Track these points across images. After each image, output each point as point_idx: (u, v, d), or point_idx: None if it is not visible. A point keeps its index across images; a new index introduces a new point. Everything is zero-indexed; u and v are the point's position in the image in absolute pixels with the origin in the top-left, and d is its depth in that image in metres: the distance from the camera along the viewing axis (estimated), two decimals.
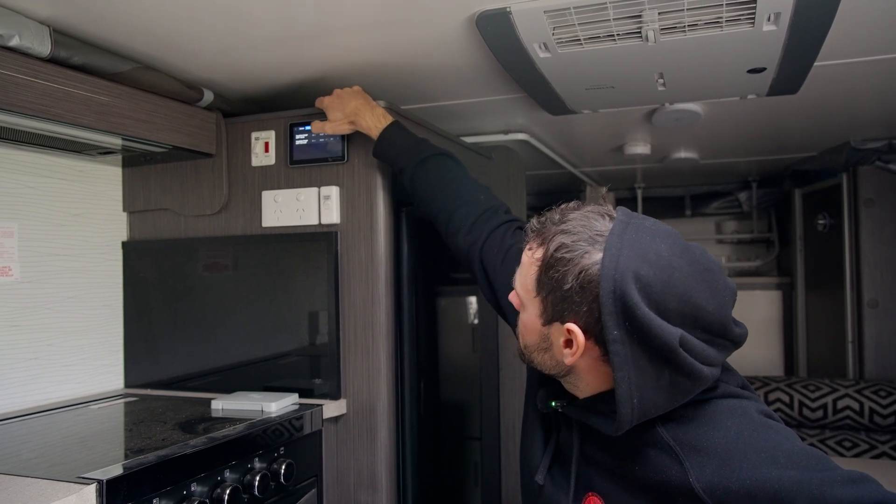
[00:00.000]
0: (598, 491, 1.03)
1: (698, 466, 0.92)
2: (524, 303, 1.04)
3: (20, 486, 1.10)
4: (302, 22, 1.44)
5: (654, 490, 0.96)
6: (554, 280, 0.95)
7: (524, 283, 1.03)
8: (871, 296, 2.98)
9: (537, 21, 1.38)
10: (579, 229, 0.96)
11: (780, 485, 0.87)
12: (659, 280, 0.90)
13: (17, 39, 1.33)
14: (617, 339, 0.90)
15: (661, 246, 0.94)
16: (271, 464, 1.50)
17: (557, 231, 0.97)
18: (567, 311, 0.95)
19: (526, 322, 1.05)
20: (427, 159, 1.56)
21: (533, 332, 1.03)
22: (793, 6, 1.31)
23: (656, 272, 0.90)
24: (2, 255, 1.70)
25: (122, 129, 1.60)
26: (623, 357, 0.90)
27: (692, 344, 0.91)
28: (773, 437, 0.93)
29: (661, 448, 0.96)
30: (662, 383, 0.92)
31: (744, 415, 0.96)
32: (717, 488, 0.90)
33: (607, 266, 0.91)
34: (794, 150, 3.14)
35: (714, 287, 0.94)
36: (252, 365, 1.87)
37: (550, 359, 1.03)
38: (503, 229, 1.39)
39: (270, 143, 1.86)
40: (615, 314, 0.90)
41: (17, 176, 1.75)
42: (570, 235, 0.96)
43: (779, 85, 1.79)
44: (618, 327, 0.90)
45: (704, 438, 0.94)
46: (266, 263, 1.85)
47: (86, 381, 1.92)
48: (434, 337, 2.04)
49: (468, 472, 2.28)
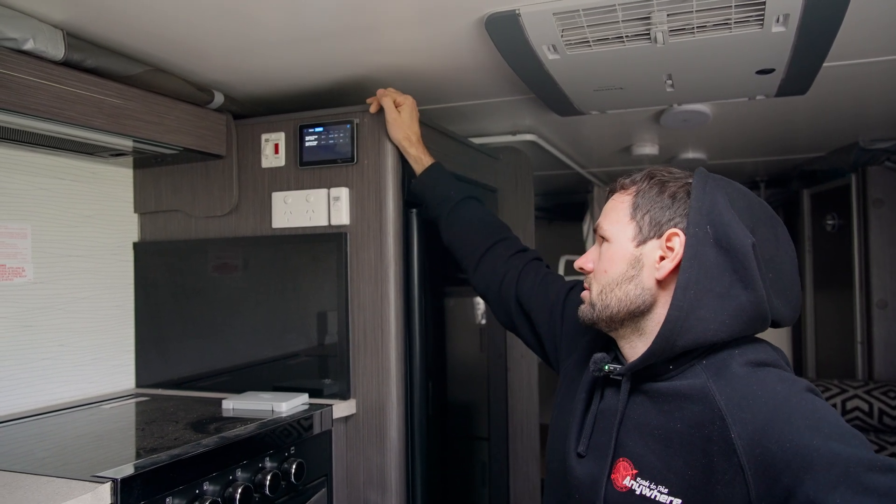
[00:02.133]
0: (629, 456, 1.03)
1: (741, 423, 0.92)
2: (612, 237, 1.10)
3: (37, 485, 1.12)
4: (311, 24, 1.45)
5: (692, 447, 0.96)
6: (652, 197, 1.07)
7: (615, 216, 1.10)
8: (881, 296, 2.96)
9: (546, 23, 1.39)
10: (668, 170, 1.10)
11: (818, 454, 0.86)
12: (743, 201, 1.04)
13: (31, 43, 1.34)
14: (696, 235, 1.00)
15: (741, 188, 1.08)
16: (282, 463, 1.51)
17: (650, 168, 1.10)
18: (666, 222, 1.05)
19: (613, 255, 1.09)
20: (466, 200, 1.65)
21: (623, 259, 1.07)
22: (802, 7, 1.31)
23: (741, 199, 1.04)
24: (15, 255, 1.71)
25: (133, 132, 1.61)
26: (695, 250, 0.99)
27: (760, 259, 0.99)
28: (819, 408, 0.93)
29: (707, 403, 0.96)
30: (720, 288, 0.98)
31: (793, 384, 0.97)
32: (757, 447, 0.90)
33: (699, 178, 1.05)
34: (802, 151, 3.13)
35: (780, 236, 1.07)
36: (262, 365, 1.88)
37: (635, 287, 1.06)
38: (536, 264, 1.51)
39: (280, 144, 1.87)
40: (701, 211, 1.00)
41: (30, 178, 1.76)
42: (662, 170, 1.10)
43: (787, 86, 1.79)
44: (699, 225, 1.00)
45: (751, 397, 0.94)
46: (276, 264, 1.87)
47: (97, 380, 1.93)
48: (442, 337, 2.04)
49: (476, 472, 2.28)
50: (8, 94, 1.33)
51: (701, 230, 0.99)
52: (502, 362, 2.50)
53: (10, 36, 1.30)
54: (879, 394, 2.77)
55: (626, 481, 1.01)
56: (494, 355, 2.42)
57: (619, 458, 1.04)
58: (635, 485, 1.00)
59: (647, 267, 1.05)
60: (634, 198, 1.08)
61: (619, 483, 1.02)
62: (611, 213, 1.12)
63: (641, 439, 1.02)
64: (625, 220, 1.08)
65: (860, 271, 3.05)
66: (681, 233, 1.02)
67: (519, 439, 2.63)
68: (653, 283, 1.05)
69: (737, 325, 0.99)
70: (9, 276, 1.70)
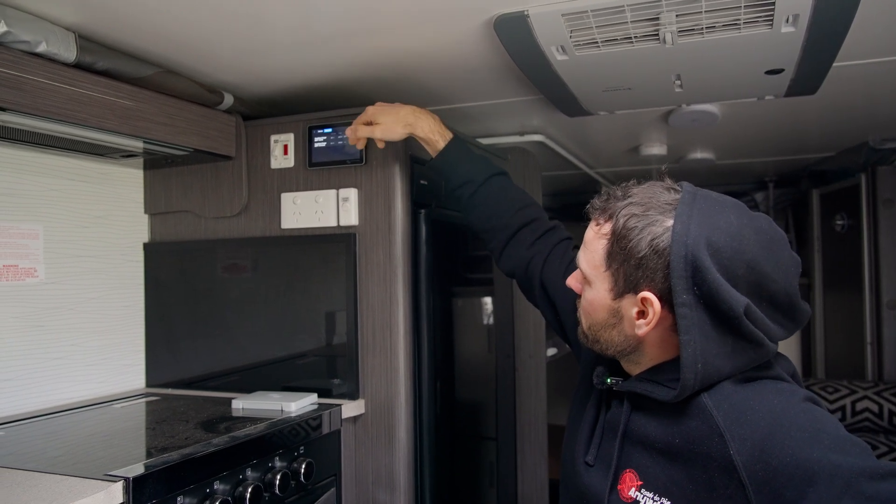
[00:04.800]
0: (635, 467, 1.02)
1: (739, 440, 0.91)
2: (591, 280, 1.04)
3: (49, 483, 1.13)
4: (320, 25, 1.46)
5: (693, 463, 0.95)
6: (626, 250, 0.97)
7: (591, 259, 1.03)
8: (891, 297, 2.95)
9: (555, 24, 1.39)
10: (647, 200, 0.98)
11: (819, 467, 0.85)
12: (729, 247, 0.93)
13: (43, 45, 1.35)
14: (685, 303, 0.92)
15: (729, 216, 0.97)
16: (291, 463, 1.51)
17: (625, 204, 0.99)
18: (641, 280, 0.97)
19: (593, 300, 1.05)
20: (494, 177, 1.57)
21: (601, 308, 1.04)
22: (812, 7, 1.30)
23: (727, 239, 0.93)
24: (27, 256, 1.73)
25: (144, 133, 1.63)
26: (690, 321, 0.92)
27: (756, 315, 0.94)
28: (818, 419, 0.92)
29: (705, 419, 0.95)
30: (726, 349, 0.94)
31: (791, 395, 0.95)
32: (757, 463, 0.89)
33: (679, 231, 0.93)
34: (811, 151, 3.11)
35: (779, 257, 0.97)
36: (271, 365, 1.89)
37: (619, 335, 1.03)
38: (564, 245, 1.44)
39: (289, 145, 1.88)
40: (685, 278, 0.92)
41: (41, 179, 1.78)
42: (639, 206, 0.98)
43: (797, 86, 1.78)
44: (686, 291, 0.92)
45: (749, 412, 0.93)
46: (285, 265, 1.87)
47: (108, 380, 1.95)
48: (450, 337, 2.05)
49: (484, 472, 2.28)
50: (21, 97, 1.34)
51: (689, 296, 0.93)
52: (510, 362, 2.50)
53: (23, 38, 1.32)
54: (889, 395, 2.76)
55: (632, 492, 1.01)
56: (502, 355, 2.42)
57: (625, 468, 1.04)
58: (640, 496, 1.00)
59: (626, 318, 1.02)
60: (609, 244, 1.00)
61: (625, 494, 1.02)
62: (588, 252, 1.05)
63: (646, 451, 1.02)
64: (601, 267, 1.02)
65: (870, 272, 3.03)
66: (654, 299, 0.96)
67: (527, 439, 2.64)
68: (634, 333, 1.01)
69: (747, 366, 0.98)
70: (21, 277, 1.71)
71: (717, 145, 2.92)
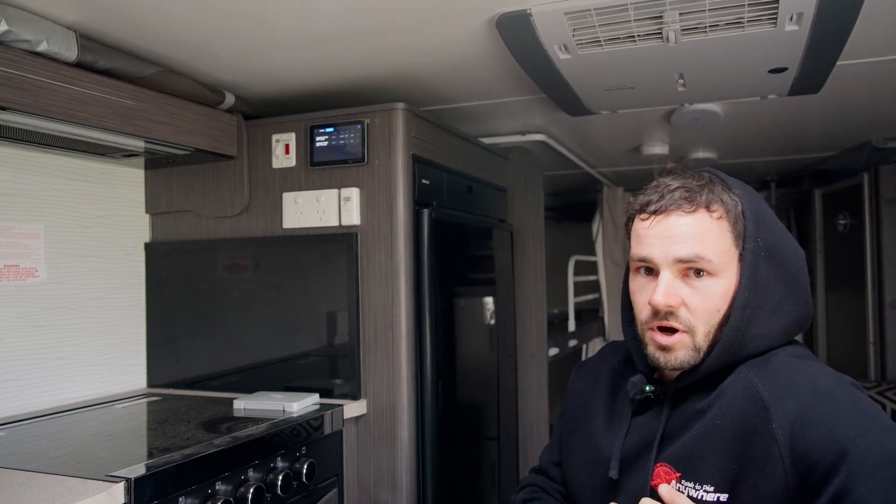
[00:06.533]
0: (669, 460, 1.01)
1: (782, 413, 0.91)
2: (721, 270, 0.99)
3: (50, 484, 1.12)
4: (322, 26, 1.45)
5: (733, 441, 0.94)
6: (736, 215, 1.01)
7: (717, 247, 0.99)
8: (893, 296, 2.94)
9: (557, 23, 1.38)
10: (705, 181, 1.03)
11: (854, 446, 0.85)
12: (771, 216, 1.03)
13: (44, 45, 1.35)
14: (753, 250, 0.98)
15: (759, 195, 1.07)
16: (293, 463, 1.51)
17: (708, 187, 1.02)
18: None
19: (726, 292, 0.99)
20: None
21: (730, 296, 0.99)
22: (815, 6, 1.30)
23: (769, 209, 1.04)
24: (28, 256, 1.73)
25: (145, 132, 1.62)
26: (752, 267, 0.98)
27: None
28: (861, 402, 0.92)
29: (749, 396, 0.95)
30: (772, 303, 0.99)
31: (838, 378, 0.96)
32: (797, 437, 0.89)
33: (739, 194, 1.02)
34: (814, 150, 3.11)
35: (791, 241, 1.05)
36: (273, 365, 1.88)
37: None
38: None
39: (291, 144, 1.88)
40: (756, 225, 0.99)
41: (43, 178, 1.77)
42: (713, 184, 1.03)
43: (800, 85, 1.78)
44: (754, 239, 0.98)
45: (794, 387, 0.94)
46: (286, 264, 1.87)
47: (109, 380, 1.94)
48: (452, 337, 2.04)
49: (486, 472, 2.28)
50: (22, 96, 1.34)
51: (755, 245, 0.98)
52: (512, 363, 2.50)
53: (25, 38, 1.31)
54: (892, 394, 2.75)
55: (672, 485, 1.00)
56: (504, 355, 2.41)
57: (656, 464, 1.02)
58: (680, 487, 0.99)
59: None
60: (729, 223, 0.99)
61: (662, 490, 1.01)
62: (707, 240, 0.98)
63: (680, 443, 1.01)
64: (731, 250, 0.99)
65: (872, 271, 3.03)
66: None
67: (529, 440, 2.63)
68: None
69: (785, 336, 1.01)
70: (22, 277, 1.71)
71: (720, 145, 2.92)
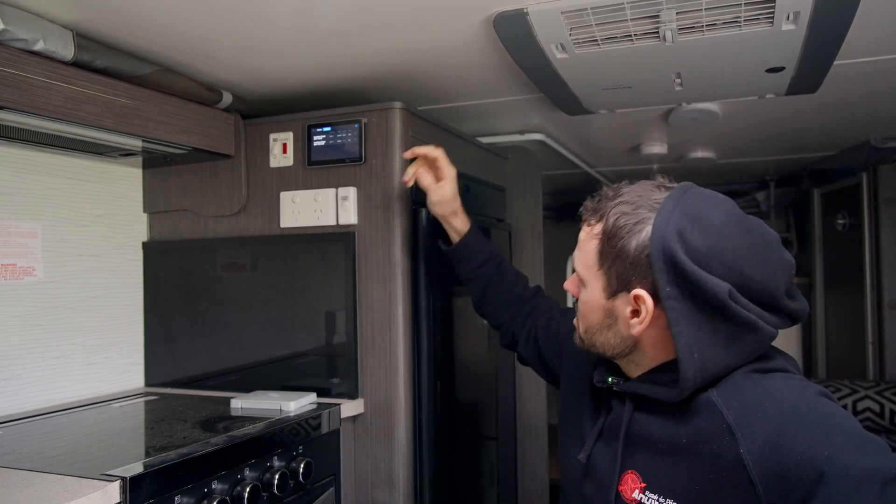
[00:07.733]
0: (638, 469, 1.01)
1: (750, 437, 0.89)
2: (585, 281, 1.05)
3: (46, 483, 1.12)
4: (319, 24, 1.45)
5: (700, 463, 0.93)
6: (617, 248, 0.98)
7: (585, 260, 1.04)
8: (892, 296, 2.94)
9: (554, 22, 1.38)
10: (637, 199, 0.99)
11: (829, 466, 0.83)
12: (705, 245, 0.92)
13: (41, 44, 1.35)
14: (670, 295, 0.93)
15: (713, 212, 0.96)
16: (290, 462, 1.51)
17: (615, 203, 1.00)
18: (633, 278, 0.97)
19: (588, 301, 1.05)
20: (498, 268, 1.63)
21: (596, 309, 1.04)
22: (812, 5, 1.30)
23: (704, 237, 0.93)
24: (26, 255, 1.73)
25: (142, 131, 1.62)
26: (678, 312, 0.93)
27: (741, 300, 0.93)
28: (831, 415, 0.89)
29: (714, 417, 0.94)
30: (720, 338, 0.94)
31: (803, 390, 0.93)
32: (768, 461, 0.87)
33: (658, 226, 0.94)
34: (812, 150, 3.11)
35: (767, 259, 0.96)
36: (270, 364, 1.88)
37: (615, 335, 1.03)
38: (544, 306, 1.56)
39: (288, 144, 1.88)
40: (665, 271, 0.93)
41: (40, 177, 1.77)
42: (628, 205, 0.99)
43: (798, 84, 1.78)
44: (670, 284, 0.93)
45: (759, 409, 0.91)
46: (284, 264, 1.87)
47: (107, 379, 1.94)
48: (450, 336, 2.04)
49: (484, 471, 2.28)
50: (19, 95, 1.33)
51: (673, 289, 0.93)
52: (510, 361, 2.49)
53: (21, 37, 1.31)
54: (891, 394, 2.75)
55: (636, 494, 1.00)
56: (502, 354, 2.41)
57: (626, 470, 1.03)
58: (644, 498, 0.99)
59: (621, 318, 1.02)
60: (600, 243, 1.01)
61: (628, 496, 1.01)
62: (581, 252, 1.06)
63: (649, 452, 1.01)
64: (594, 266, 1.03)
65: (871, 271, 3.02)
66: (646, 296, 0.96)
67: (527, 439, 2.63)
68: (630, 333, 1.01)
69: (750, 355, 0.97)
70: (19, 276, 1.71)
71: (718, 144, 2.91)
